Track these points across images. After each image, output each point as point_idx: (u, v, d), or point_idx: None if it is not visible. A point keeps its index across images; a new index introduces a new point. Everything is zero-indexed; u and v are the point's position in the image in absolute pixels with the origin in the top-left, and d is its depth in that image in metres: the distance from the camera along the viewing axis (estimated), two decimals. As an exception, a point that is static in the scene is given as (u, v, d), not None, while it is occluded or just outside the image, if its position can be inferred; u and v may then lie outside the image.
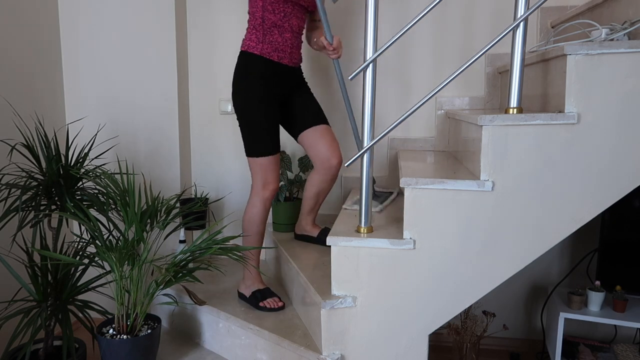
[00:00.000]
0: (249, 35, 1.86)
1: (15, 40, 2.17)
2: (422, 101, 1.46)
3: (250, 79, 1.83)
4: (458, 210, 1.48)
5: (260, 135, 1.84)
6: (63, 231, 2.39)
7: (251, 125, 1.84)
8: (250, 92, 1.83)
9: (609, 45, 1.33)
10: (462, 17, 2.29)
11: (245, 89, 1.83)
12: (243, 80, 1.84)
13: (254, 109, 1.83)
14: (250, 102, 1.83)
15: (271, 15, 1.81)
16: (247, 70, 1.84)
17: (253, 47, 1.84)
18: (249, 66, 1.84)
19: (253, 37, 1.84)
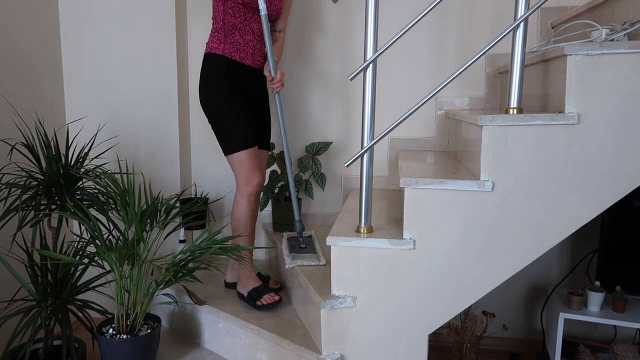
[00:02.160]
0: (211, 37, 1.92)
1: (15, 40, 2.17)
2: (422, 101, 1.46)
3: (215, 78, 1.88)
4: (458, 211, 1.48)
5: (232, 130, 1.87)
6: (63, 231, 2.39)
7: (222, 123, 1.88)
8: (216, 91, 1.87)
9: (609, 46, 1.33)
10: (462, 17, 2.29)
11: (212, 89, 1.88)
12: (209, 81, 1.89)
13: (223, 106, 1.87)
14: (218, 100, 1.87)
15: (232, 18, 1.87)
16: (211, 71, 1.89)
17: (215, 48, 1.90)
18: (213, 67, 1.89)
19: (215, 39, 1.91)
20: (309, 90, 2.47)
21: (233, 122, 1.88)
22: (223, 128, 1.89)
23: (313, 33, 2.43)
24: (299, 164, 2.39)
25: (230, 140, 1.88)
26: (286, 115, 2.49)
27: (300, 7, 2.42)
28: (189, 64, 2.57)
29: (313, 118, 2.49)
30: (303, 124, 2.50)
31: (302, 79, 2.48)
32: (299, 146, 2.51)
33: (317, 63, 2.46)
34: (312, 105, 2.48)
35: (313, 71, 2.47)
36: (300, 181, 2.39)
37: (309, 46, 2.45)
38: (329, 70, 2.45)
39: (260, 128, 2.08)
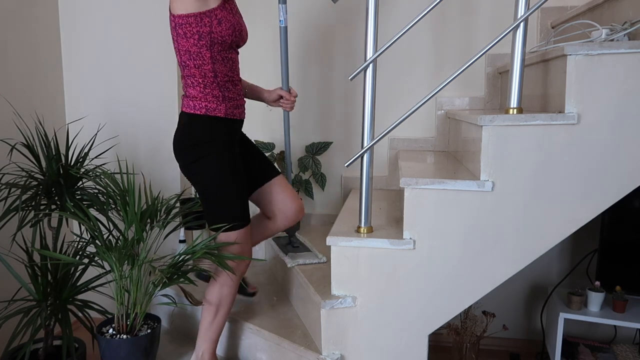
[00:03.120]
0: (201, 95, 1.52)
1: (15, 41, 2.17)
2: (422, 101, 1.46)
3: (215, 146, 1.54)
4: (458, 211, 1.48)
5: (236, 206, 1.57)
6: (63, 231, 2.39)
7: (224, 198, 1.56)
8: (218, 160, 1.54)
9: (609, 46, 1.33)
10: (462, 17, 2.29)
11: (211, 158, 1.54)
12: (203, 148, 1.54)
13: (227, 179, 1.55)
14: (221, 171, 1.55)
15: (222, 66, 1.53)
16: (207, 136, 1.54)
17: (214, 109, 1.54)
18: (210, 131, 1.55)
19: (210, 97, 1.53)
20: (309, 90, 2.47)
21: (229, 199, 1.57)
22: (221, 204, 1.57)
23: (313, 33, 2.43)
24: (299, 164, 2.39)
25: (223, 219, 1.58)
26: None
27: (300, 7, 2.42)
28: (189, 64, 2.57)
29: (313, 118, 2.49)
30: (303, 124, 2.50)
31: (302, 79, 2.47)
32: (299, 146, 2.51)
33: (317, 63, 2.46)
34: (312, 105, 2.48)
35: (313, 71, 2.47)
36: (300, 181, 2.39)
37: (309, 46, 2.45)
38: (329, 70, 2.45)
39: (256, 162, 1.77)
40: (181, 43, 1.47)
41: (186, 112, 1.55)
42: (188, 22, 1.43)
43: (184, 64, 1.50)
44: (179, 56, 1.51)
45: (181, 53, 1.49)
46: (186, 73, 1.52)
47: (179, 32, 1.45)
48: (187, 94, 1.54)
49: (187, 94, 1.54)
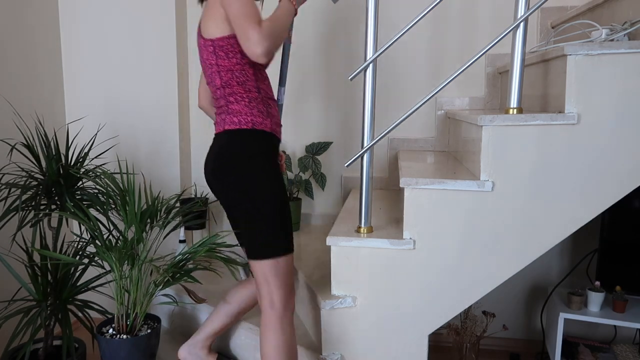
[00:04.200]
0: (247, 109, 1.44)
1: (15, 41, 2.17)
2: (422, 101, 1.46)
3: (265, 162, 1.44)
4: (458, 211, 1.48)
5: (282, 227, 1.45)
6: (63, 231, 2.39)
7: (269, 219, 1.42)
8: (266, 178, 1.43)
9: (609, 46, 1.33)
10: (462, 17, 2.29)
11: (259, 176, 1.42)
12: (254, 166, 1.42)
13: (273, 197, 1.43)
14: (267, 190, 1.43)
15: (262, 84, 1.49)
16: (257, 152, 1.44)
17: (261, 123, 1.45)
18: (259, 147, 1.44)
19: (255, 111, 1.45)
20: (309, 90, 2.47)
21: (282, 216, 1.44)
22: (269, 226, 1.42)
23: (313, 33, 2.43)
24: (299, 163, 2.39)
25: (278, 241, 1.43)
26: (286, 115, 2.49)
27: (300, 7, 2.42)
28: (189, 63, 2.57)
29: (313, 118, 2.49)
30: (303, 124, 2.50)
31: (302, 79, 2.47)
32: (299, 146, 2.51)
33: (317, 63, 2.46)
34: (312, 105, 2.48)
35: (313, 71, 2.47)
36: (300, 181, 2.39)
37: (309, 46, 2.45)
38: (329, 70, 2.45)
39: None
40: (223, 63, 1.43)
41: (230, 129, 1.44)
42: (229, 43, 1.41)
43: (225, 83, 1.45)
44: (218, 77, 1.45)
45: (222, 73, 1.44)
46: (227, 92, 1.45)
47: (219, 53, 1.42)
48: (229, 110, 1.45)
49: (229, 111, 1.45)
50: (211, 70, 1.46)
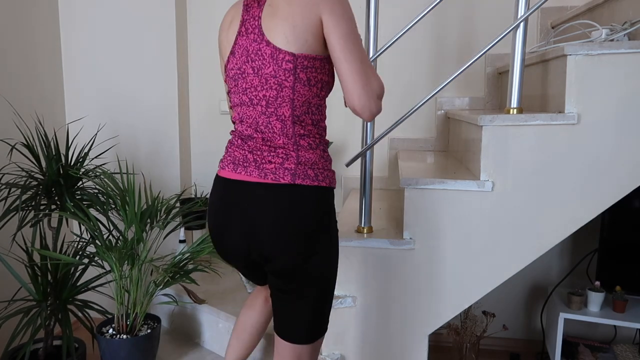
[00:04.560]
0: (322, 160, 1.15)
1: (15, 41, 2.17)
2: (422, 101, 1.46)
3: (335, 229, 1.21)
4: (458, 211, 1.48)
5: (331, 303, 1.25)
6: (63, 231, 2.39)
7: (330, 295, 1.22)
8: (337, 248, 1.21)
9: (609, 46, 1.33)
10: (462, 17, 2.29)
11: (336, 248, 1.20)
12: (334, 236, 1.19)
13: (337, 269, 1.23)
14: (337, 262, 1.22)
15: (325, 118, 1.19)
16: (333, 218, 1.19)
17: (333, 179, 1.17)
18: (334, 207, 1.20)
19: (328, 163, 1.17)
20: (309, 90, 2.47)
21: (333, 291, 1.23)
22: (327, 303, 1.21)
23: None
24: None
25: (326, 319, 1.23)
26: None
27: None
28: (189, 63, 2.57)
29: (313, 118, 2.49)
30: (303, 124, 2.49)
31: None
32: (299, 146, 2.51)
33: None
34: (312, 105, 2.48)
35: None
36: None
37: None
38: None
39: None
40: (301, 91, 1.09)
41: (305, 185, 1.11)
42: (314, 65, 1.09)
43: (297, 117, 1.11)
44: (289, 106, 1.10)
45: (297, 104, 1.10)
46: (298, 131, 1.11)
47: (300, 76, 1.08)
48: (300, 158, 1.11)
49: (300, 159, 1.11)
50: (279, 92, 1.09)
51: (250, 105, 1.13)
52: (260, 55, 1.09)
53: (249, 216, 1.12)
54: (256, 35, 1.10)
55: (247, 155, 1.13)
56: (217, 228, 1.20)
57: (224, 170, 1.17)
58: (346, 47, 1.04)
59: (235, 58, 1.14)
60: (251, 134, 1.14)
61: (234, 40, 1.16)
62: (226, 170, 1.17)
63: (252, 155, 1.13)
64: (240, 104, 1.15)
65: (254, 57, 1.10)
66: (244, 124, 1.15)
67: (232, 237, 1.17)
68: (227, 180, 1.16)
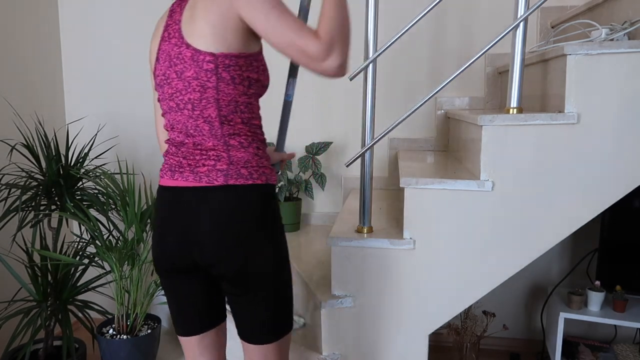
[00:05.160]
0: (256, 158, 1.13)
1: (15, 41, 2.17)
2: (422, 101, 1.46)
3: (280, 227, 1.18)
4: (458, 210, 1.48)
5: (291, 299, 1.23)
6: (63, 231, 2.39)
7: (288, 291, 1.20)
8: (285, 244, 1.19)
9: (608, 46, 1.33)
10: (462, 17, 2.29)
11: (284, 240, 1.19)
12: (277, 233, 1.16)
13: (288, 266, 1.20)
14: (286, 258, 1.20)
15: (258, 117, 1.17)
16: (278, 213, 1.18)
17: (271, 176, 1.16)
18: (277, 206, 1.18)
19: (264, 160, 1.15)
20: (309, 90, 2.47)
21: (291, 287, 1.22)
22: (286, 300, 1.19)
23: (313, 33, 2.43)
24: (299, 163, 2.39)
25: (289, 316, 1.21)
26: (286, 116, 2.49)
27: (300, 7, 2.42)
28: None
29: (313, 118, 2.49)
30: (303, 124, 2.50)
31: (302, 79, 2.47)
32: (299, 146, 2.51)
33: (317, 63, 2.46)
34: (312, 105, 2.48)
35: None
36: (300, 181, 2.39)
37: (309, 46, 2.44)
38: (328, 70, 2.45)
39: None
40: (225, 90, 1.08)
41: (239, 185, 1.10)
42: (237, 64, 1.07)
43: (225, 117, 1.09)
44: (214, 107, 1.08)
45: (222, 104, 1.08)
46: (227, 131, 1.10)
47: (223, 75, 1.07)
48: (231, 158, 1.10)
49: (231, 159, 1.10)
50: (202, 94, 1.08)
51: (177, 110, 1.12)
52: (181, 58, 1.08)
53: (188, 222, 1.11)
54: (177, 39, 1.10)
55: (182, 161, 1.13)
56: (158, 237, 1.16)
57: (163, 179, 1.16)
58: (271, 35, 1.02)
59: (160, 64, 1.13)
60: (183, 139, 1.13)
61: (158, 46, 1.15)
62: (165, 179, 1.15)
63: (186, 161, 1.12)
64: (169, 110, 1.14)
65: (176, 62, 1.09)
66: (175, 130, 1.14)
67: (172, 245, 1.14)
68: (165, 188, 1.15)
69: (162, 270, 1.19)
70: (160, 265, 1.18)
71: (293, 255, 2.03)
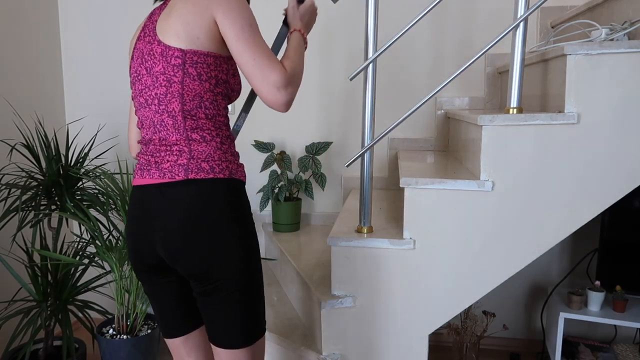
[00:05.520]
0: (219, 152, 1.12)
1: (15, 41, 2.17)
2: (422, 101, 1.46)
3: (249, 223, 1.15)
4: (458, 210, 1.48)
5: (262, 301, 1.19)
6: (63, 231, 2.39)
7: (257, 293, 1.16)
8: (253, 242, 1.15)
9: (608, 46, 1.33)
10: (462, 17, 2.29)
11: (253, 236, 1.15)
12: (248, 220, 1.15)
13: (258, 265, 1.17)
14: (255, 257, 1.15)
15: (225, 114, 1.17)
16: (246, 208, 1.16)
17: (237, 171, 1.15)
18: (245, 201, 1.16)
19: (229, 155, 1.15)
20: (309, 90, 2.47)
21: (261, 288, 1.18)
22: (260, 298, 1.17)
23: (313, 33, 2.43)
24: (299, 164, 2.39)
25: (260, 319, 1.18)
26: (287, 115, 2.49)
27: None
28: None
29: (313, 118, 2.49)
30: (303, 124, 2.50)
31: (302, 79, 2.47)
32: (299, 146, 2.51)
33: (317, 63, 2.46)
34: (312, 105, 2.48)
35: (313, 71, 2.47)
36: (300, 181, 2.39)
37: (309, 46, 2.45)
38: (329, 70, 2.45)
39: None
40: (191, 85, 1.09)
41: (199, 179, 1.09)
42: (206, 62, 1.08)
43: (188, 111, 1.09)
44: (178, 101, 1.09)
45: (187, 97, 1.09)
46: (189, 125, 1.10)
47: (189, 71, 1.08)
48: (192, 152, 1.10)
49: (192, 153, 1.10)
50: (168, 89, 1.09)
51: (146, 106, 1.13)
52: (152, 55, 1.10)
53: (153, 219, 1.11)
54: (150, 37, 1.12)
55: (150, 159, 1.14)
56: (130, 236, 1.17)
57: (135, 179, 1.17)
58: (239, 46, 1.05)
59: (134, 62, 1.16)
60: (150, 137, 1.14)
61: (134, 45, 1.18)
62: (136, 178, 1.16)
63: (153, 158, 1.13)
64: (139, 107, 1.15)
65: (147, 58, 1.11)
66: (145, 127, 1.15)
67: (141, 243, 1.15)
68: (136, 187, 1.16)
69: (138, 272, 1.19)
70: (135, 266, 1.19)
71: (293, 255, 2.03)
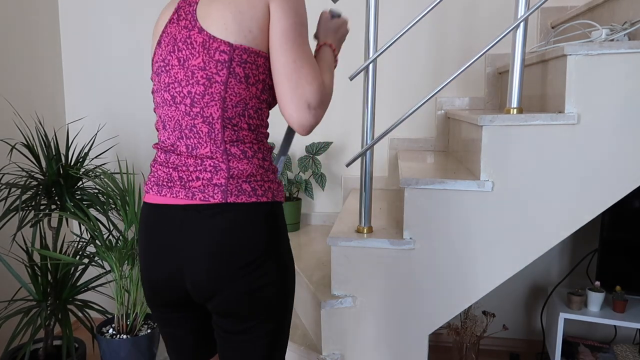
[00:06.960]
0: (261, 171, 0.96)
1: (15, 41, 2.17)
2: (422, 101, 1.46)
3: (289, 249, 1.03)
4: (458, 211, 1.48)
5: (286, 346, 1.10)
6: (63, 231, 2.39)
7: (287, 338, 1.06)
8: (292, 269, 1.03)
9: (609, 46, 1.33)
10: (462, 17, 2.29)
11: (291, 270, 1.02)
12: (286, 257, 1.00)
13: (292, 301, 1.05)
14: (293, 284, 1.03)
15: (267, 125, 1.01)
16: (287, 237, 1.02)
17: (278, 192, 0.99)
18: (285, 228, 1.02)
19: (271, 174, 0.98)
20: (309, 90, 2.47)
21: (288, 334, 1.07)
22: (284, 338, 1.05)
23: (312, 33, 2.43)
24: (299, 164, 2.39)
25: (284, 355, 1.07)
26: (286, 115, 2.49)
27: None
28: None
29: (313, 118, 2.49)
30: (303, 124, 2.50)
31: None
32: (299, 146, 2.51)
33: (317, 63, 2.46)
34: (312, 105, 2.48)
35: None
36: (300, 181, 2.39)
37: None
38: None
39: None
40: (235, 88, 0.91)
41: (244, 203, 0.92)
42: (256, 62, 0.92)
43: (229, 119, 0.92)
44: (218, 106, 0.91)
45: (229, 103, 0.91)
46: (229, 136, 0.92)
47: (236, 71, 0.90)
48: (232, 172, 0.92)
49: (232, 173, 0.92)
50: (207, 89, 0.91)
51: (173, 104, 0.94)
52: (189, 43, 0.91)
53: (179, 248, 0.93)
54: (188, 22, 0.92)
55: (172, 173, 0.94)
56: (144, 268, 0.99)
57: (149, 195, 0.98)
58: (283, 42, 0.90)
59: (161, 48, 0.96)
60: (174, 142, 0.95)
61: (162, 29, 0.98)
62: (150, 194, 0.97)
63: (177, 173, 0.93)
64: (162, 104, 0.96)
65: (181, 46, 0.92)
66: (167, 130, 0.96)
67: (161, 277, 0.96)
68: (151, 206, 0.97)
69: (153, 305, 1.03)
70: (149, 301, 1.02)
71: (293, 255, 2.03)
